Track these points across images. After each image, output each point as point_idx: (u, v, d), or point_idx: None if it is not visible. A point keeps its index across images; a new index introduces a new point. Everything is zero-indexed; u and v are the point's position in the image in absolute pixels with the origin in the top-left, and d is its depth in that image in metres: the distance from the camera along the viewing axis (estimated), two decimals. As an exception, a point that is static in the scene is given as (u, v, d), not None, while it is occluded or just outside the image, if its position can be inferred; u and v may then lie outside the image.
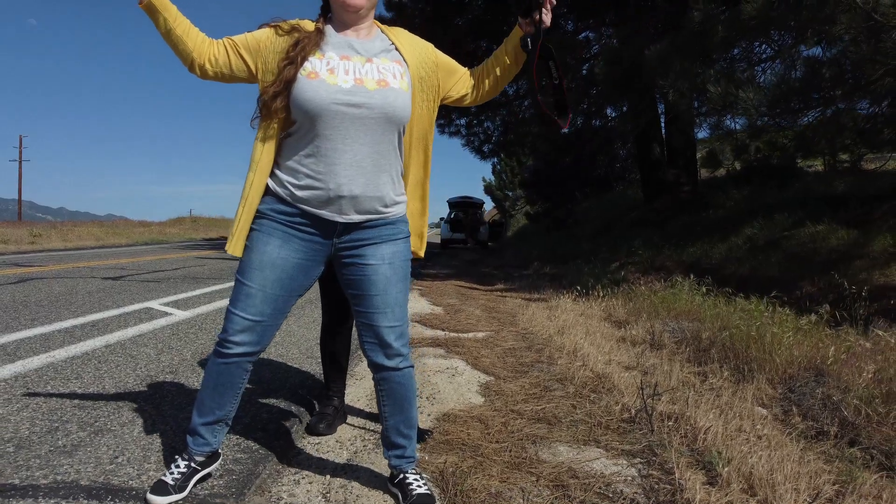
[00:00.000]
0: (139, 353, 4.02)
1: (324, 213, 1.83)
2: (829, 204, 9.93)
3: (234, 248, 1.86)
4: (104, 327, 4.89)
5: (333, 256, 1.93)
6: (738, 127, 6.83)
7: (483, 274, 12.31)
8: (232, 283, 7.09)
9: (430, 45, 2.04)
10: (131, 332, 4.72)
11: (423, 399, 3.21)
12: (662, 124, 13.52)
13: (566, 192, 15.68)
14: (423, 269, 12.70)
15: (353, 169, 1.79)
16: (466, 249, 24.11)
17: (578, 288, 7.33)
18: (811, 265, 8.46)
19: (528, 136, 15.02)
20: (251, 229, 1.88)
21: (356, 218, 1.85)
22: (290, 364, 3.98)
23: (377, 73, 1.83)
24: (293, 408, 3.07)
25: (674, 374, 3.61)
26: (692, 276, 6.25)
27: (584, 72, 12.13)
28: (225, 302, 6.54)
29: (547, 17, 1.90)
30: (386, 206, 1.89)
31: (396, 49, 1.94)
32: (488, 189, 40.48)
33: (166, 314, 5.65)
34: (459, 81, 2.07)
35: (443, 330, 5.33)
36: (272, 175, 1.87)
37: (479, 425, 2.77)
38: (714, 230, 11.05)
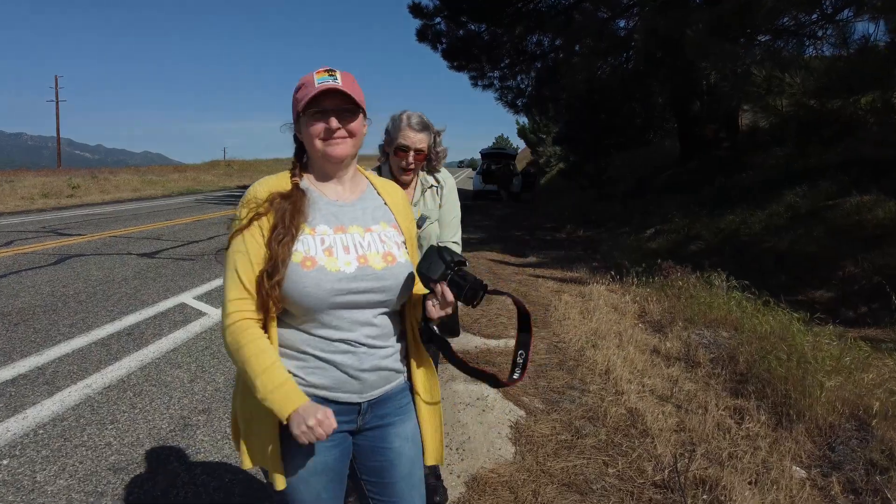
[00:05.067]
0: (173, 380, 4.08)
1: (340, 395, 1.57)
2: (878, 169, 9.46)
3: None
4: (139, 336, 4.97)
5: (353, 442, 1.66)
6: (784, 108, 6.45)
7: (516, 239, 12.19)
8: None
9: (401, 191, 1.79)
10: (166, 344, 4.79)
11: (452, 450, 3.20)
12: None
13: (600, 148, 15.25)
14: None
15: (361, 347, 1.56)
16: (499, 201, 23.52)
17: (612, 273, 7.19)
18: (854, 241, 8.16)
19: (563, 91, 14.57)
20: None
21: (375, 394, 1.61)
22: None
23: (380, 245, 1.59)
24: None
25: (709, 414, 3.53)
26: (728, 277, 6.02)
27: (622, 31, 11.62)
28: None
29: (435, 311, 1.53)
30: (397, 372, 1.66)
31: (386, 205, 1.69)
32: (522, 132, 39.79)
33: (200, 314, 5.71)
34: None
35: (474, 334, 5.31)
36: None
37: (509, 495, 2.76)
38: (754, 196, 10.65)
